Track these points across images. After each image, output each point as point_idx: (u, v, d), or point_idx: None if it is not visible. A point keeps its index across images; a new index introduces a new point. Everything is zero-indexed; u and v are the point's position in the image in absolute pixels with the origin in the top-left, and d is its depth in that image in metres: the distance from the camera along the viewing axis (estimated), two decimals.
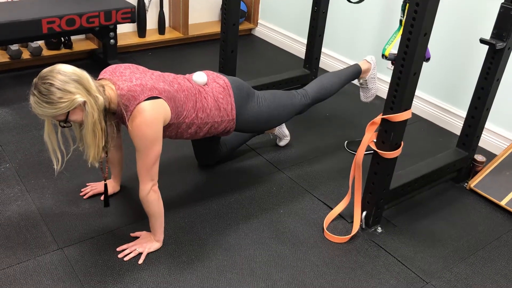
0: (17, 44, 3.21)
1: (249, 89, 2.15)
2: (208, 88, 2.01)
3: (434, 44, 2.59)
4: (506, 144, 2.77)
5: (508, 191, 2.40)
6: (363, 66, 2.52)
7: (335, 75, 2.45)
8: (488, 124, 2.77)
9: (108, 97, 1.74)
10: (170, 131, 1.92)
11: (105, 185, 2.06)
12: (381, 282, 1.91)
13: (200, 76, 2.01)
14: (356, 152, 2.13)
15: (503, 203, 2.36)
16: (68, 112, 1.65)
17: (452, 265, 2.03)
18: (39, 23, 2.83)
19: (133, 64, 1.89)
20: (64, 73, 1.63)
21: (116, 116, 1.84)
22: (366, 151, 2.07)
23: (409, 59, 1.78)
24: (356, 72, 2.49)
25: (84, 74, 1.67)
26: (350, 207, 2.21)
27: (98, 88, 1.69)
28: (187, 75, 2.04)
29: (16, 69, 3.28)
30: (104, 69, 1.86)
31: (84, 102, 1.65)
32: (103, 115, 1.72)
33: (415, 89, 1.89)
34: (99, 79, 1.81)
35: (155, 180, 1.83)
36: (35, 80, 1.64)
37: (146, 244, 1.94)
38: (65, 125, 1.72)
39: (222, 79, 2.07)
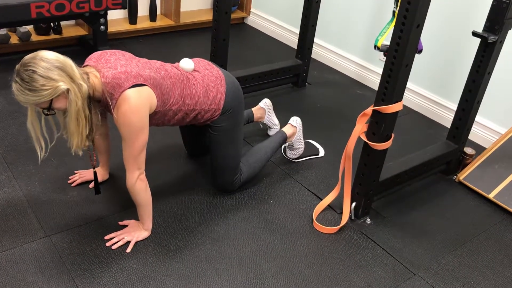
0: (5, 29, 3.16)
1: (242, 103, 2.10)
2: (199, 75, 1.99)
3: (426, 36, 2.58)
4: (496, 138, 2.78)
5: (496, 184, 2.41)
6: (289, 132, 2.43)
7: (262, 152, 2.32)
8: (478, 117, 2.78)
9: (92, 84, 1.71)
10: (157, 119, 1.89)
11: (95, 173, 2.04)
12: (369, 273, 1.92)
13: (187, 63, 1.99)
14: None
15: (491, 196, 2.38)
16: (52, 100, 1.63)
17: (440, 257, 2.04)
18: (28, 8, 2.78)
19: (119, 51, 1.86)
20: (47, 60, 1.60)
21: (101, 104, 1.81)
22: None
23: (401, 51, 1.78)
24: (282, 140, 2.41)
25: (67, 61, 1.64)
26: (339, 198, 2.21)
27: (82, 76, 1.66)
28: (176, 63, 2.02)
29: (4, 54, 3.23)
30: (90, 56, 1.82)
31: (68, 90, 1.62)
32: (87, 103, 1.69)
33: (407, 81, 1.89)
34: (84, 66, 1.78)
35: (142, 169, 1.81)
36: (17, 67, 1.60)
37: (134, 232, 1.93)
38: (48, 112, 1.69)
39: (216, 70, 2.05)
